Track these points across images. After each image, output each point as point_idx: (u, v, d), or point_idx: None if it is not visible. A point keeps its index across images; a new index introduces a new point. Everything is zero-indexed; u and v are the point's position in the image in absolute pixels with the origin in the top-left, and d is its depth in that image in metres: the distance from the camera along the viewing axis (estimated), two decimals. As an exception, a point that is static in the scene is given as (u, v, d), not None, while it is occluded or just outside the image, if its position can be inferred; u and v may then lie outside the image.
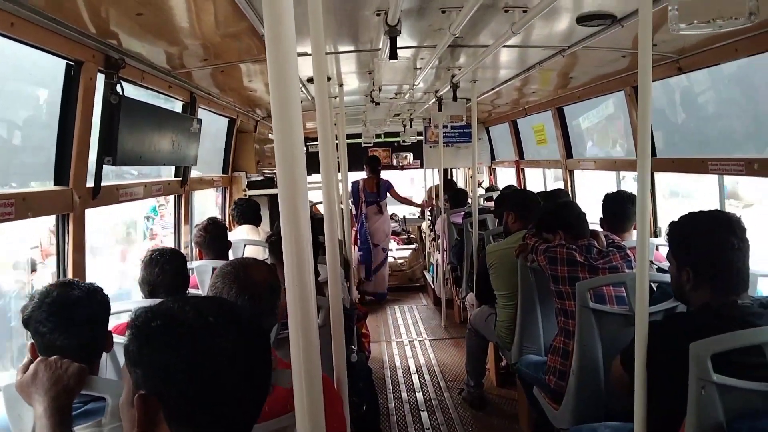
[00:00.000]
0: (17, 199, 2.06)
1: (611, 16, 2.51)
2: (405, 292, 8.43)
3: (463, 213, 6.19)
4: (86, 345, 1.65)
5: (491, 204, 5.92)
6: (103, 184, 2.70)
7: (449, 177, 9.45)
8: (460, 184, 9.50)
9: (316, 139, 2.10)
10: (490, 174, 8.98)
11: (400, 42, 2.60)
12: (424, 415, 4.46)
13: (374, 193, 7.96)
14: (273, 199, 6.26)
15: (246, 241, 4.09)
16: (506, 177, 8.53)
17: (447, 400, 4.69)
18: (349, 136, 7.85)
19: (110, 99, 2.63)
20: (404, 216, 10.34)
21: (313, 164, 2.12)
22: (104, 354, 1.80)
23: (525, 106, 6.32)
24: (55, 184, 2.45)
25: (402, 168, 9.98)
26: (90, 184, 2.62)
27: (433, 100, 5.33)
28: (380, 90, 3.68)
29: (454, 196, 6.91)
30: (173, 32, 2.65)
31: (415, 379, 5.21)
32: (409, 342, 6.26)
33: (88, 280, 1.92)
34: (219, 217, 5.70)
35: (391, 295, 8.24)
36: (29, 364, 1.48)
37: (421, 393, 4.88)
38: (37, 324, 1.60)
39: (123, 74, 2.71)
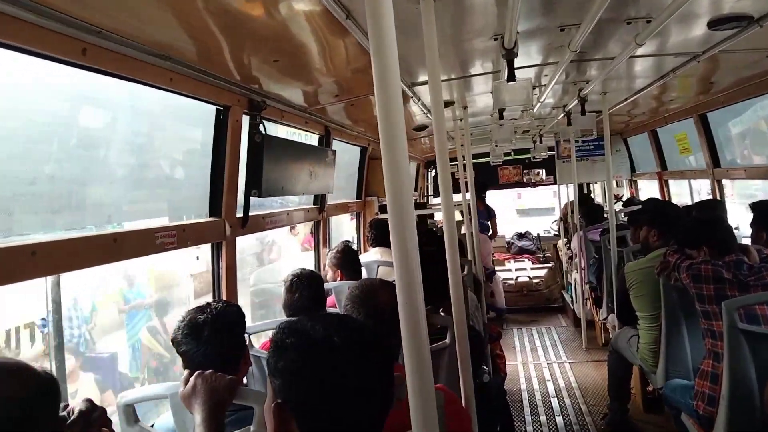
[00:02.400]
0: (179, 230, 2.37)
1: (747, 17, 2.35)
2: (542, 313, 8.19)
3: (600, 230, 5.93)
4: (221, 359, 1.80)
5: None
6: (250, 213, 2.99)
7: (585, 192, 9.08)
8: (598, 200, 9.10)
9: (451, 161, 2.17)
10: (631, 187, 8.50)
11: (520, 62, 2.63)
12: (565, 440, 4.33)
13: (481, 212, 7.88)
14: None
15: (378, 262, 4.26)
16: (649, 190, 8.04)
17: (589, 426, 4.49)
18: (478, 156, 7.88)
19: (254, 138, 2.92)
20: (538, 234, 10.08)
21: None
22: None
23: (664, 115, 5.95)
24: (209, 216, 2.76)
25: (534, 185, 9.77)
26: (239, 214, 2.92)
27: (562, 114, 5.22)
28: (504, 110, 3.71)
29: (590, 211, 6.64)
30: (308, 73, 2.89)
31: (555, 402, 5.05)
32: (548, 364, 6.08)
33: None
34: (355, 239, 6.00)
35: (527, 316, 8.05)
36: (189, 377, 1.68)
37: (561, 417, 4.72)
38: (177, 345, 1.82)
39: (265, 114, 2.99)
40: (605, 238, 5.20)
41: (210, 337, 1.80)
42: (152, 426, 1.84)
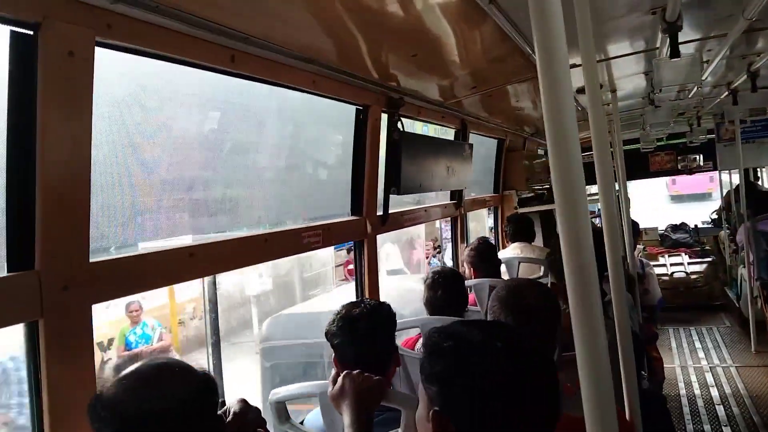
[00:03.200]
0: (323, 230, 2.41)
1: None
2: (702, 312, 7.45)
3: (772, 220, 5.27)
4: (374, 356, 1.80)
5: None
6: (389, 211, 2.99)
7: (751, 178, 8.13)
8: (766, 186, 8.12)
9: (588, 149, 2.00)
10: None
11: (681, 37, 2.35)
12: (734, 453, 3.89)
13: None
14: (546, 215, 6.15)
15: (520, 258, 4.09)
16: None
17: (766, 440, 4.01)
18: (625, 143, 7.32)
19: (393, 135, 2.91)
20: (696, 225, 9.19)
21: (587, 175, 2.01)
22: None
23: None
24: (351, 215, 2.79)
25: (690, 172, 8.92)
26: (379, 212, 2.92)
27: (726, 93, 4.67)
28: (660, 91, 3.37)
29: (758, 200, 5.91)
30: (445, 66, 2.82)
31: (720, 410, 4.56)
32: (710, 368, 5.52)
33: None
34: (492, 235, 5.85)
35: (685, 314, 7.36)
36: (337, 377, 1.68)
37: (729, 427, 4.25)
38: (331, 337, 1.83)
39: (402, 111, 2.96)
40: (780, 229, 4.60)
41: (364, 332, 1.80)
42: (302, 423, 1.87)
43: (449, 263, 5.85)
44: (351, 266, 8.19)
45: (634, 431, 1.84)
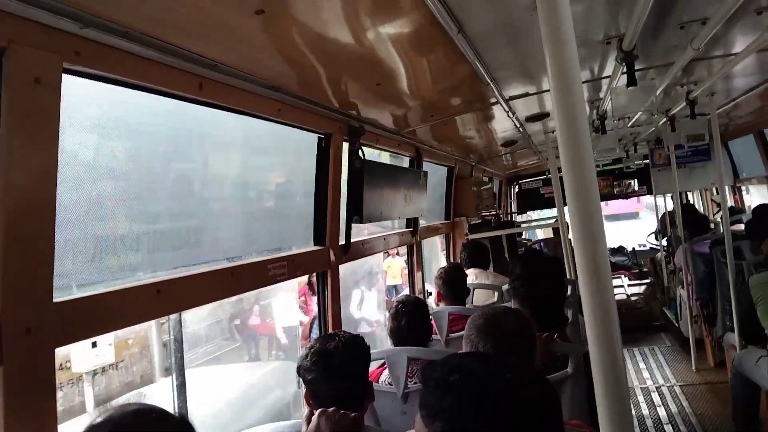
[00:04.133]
0: (288, 261, 2.34)
1: None
2: (643, 333, 7.69)
3: (708, 241, 5.51)
4: (349, 392, 1.76)
5: (738, 228, 5.17)
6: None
7: (684, 201, 8.56)
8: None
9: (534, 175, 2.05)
10: (735, 194, 7.93)
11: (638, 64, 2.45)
12: (685, 471, 3.99)
13: None
14: (495, 241, 6.25)
15: (475, 285, 4.11)
16: (755, 196, 7.45)
17: (713, 458, 4.14)
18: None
19: (355, 163, 2.89)
20: (633, 248, 9.56)
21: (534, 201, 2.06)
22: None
23: (776, 114, 5.51)
24: (314, 245, 2.73)
25: (627, 196, 9.31)
26: (342, 242, 2.88)
27: (664, 120, 4.92)
28: (613, 118, 3.51)
29: (694, 222, 6.19)
30: (404, 95, 2.84)
31: (669, 429, 4.68)
32: (656, 388, 5.67)
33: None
34: (444, 262, 5.88)
35: (627, 335, 7.58)
36: (311, 415, 1.61)
37: (678, 446, 4.37)
38: (304, 372, 1.77)
39: (363, 140, 2.96)
40: (718, 250, 4.82)
41: (340, 367, 1.75)
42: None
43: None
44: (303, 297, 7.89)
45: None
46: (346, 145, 2.87)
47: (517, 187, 9.45)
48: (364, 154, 2.95)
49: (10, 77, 1.16)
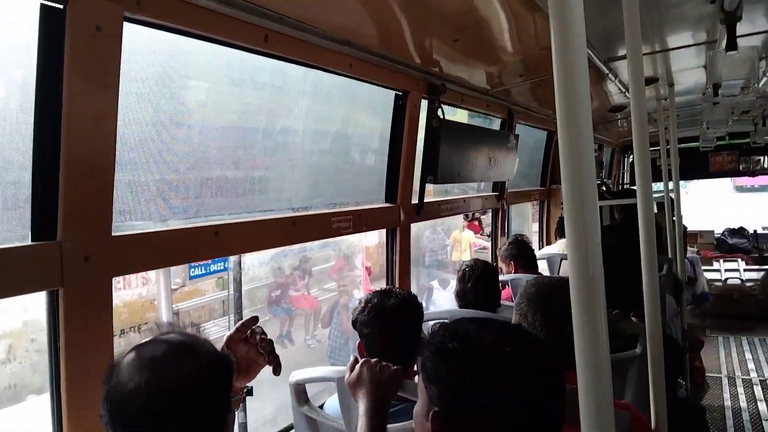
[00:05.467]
0: (354, 215, 2.39)
1: None
2: (756, 321, 7.08)
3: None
4: (401, 348, 1.79)
5: None
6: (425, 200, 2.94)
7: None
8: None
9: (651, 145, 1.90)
10: None
11: (744, 29, 2.20)
12: (780, 473, 3.70)
13: None
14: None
15: (562, 255, 3.98)
16: None
17: (815, 460, 3.80)
18: (685, 140, 6.98)
19: (432, 122, 2.85)
20: (755, 230, 8.74)
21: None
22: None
23: None
24: (385, 202, 2.76)
25: (753, 174, 8.47)
26: (414, 200, 2.88)
27: (798, 90, 4.38)
28: (720, 86, 3.18)
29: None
30: (489, 53, 2.74)
31: (767, 426, 4.35)
32: (760, 381, 5.26)
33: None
34: (537, 230, 5.71)
35: (736, 323, 7.04)
36: (355, 364, 1.66)
37: (775, 445, 4.06)
38: (361, 326, 1.81)
39: (444, 98, 2.90)
40: None
41: (395, 322, 1.79)
42: (321, 407, 1.87)
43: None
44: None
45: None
46: (425, 103, 2.83)
47: (631, 156, 8.88)
48: (443, 113, 2.90)
49: (72, 25, 1.26)
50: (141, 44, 1.48)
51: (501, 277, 3.06)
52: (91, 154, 1.35)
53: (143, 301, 5.66)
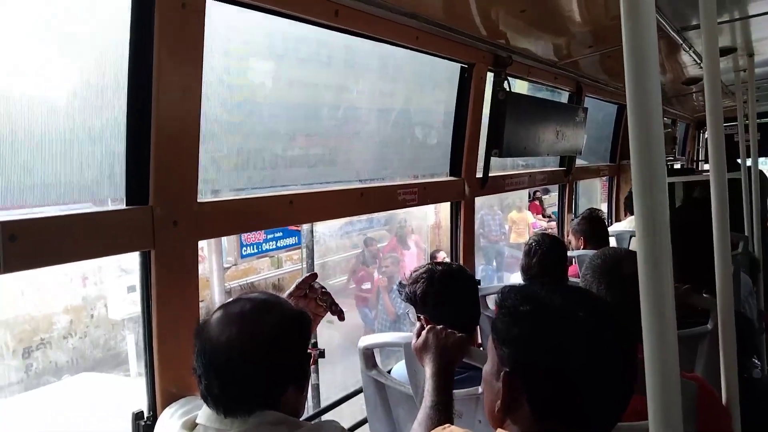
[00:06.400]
0: (420, 188, 2.43)
1: None
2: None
3: None
4: (462, 316, 1.84)
5: None
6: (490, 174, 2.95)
7: None
8: None
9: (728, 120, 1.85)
10: None
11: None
12: None
13: None
14: (669, 188, 5.75)
15: (631, 232, 3.89)
16: None
17: None
18: (766, 115, 6.61)
19: (498, 95, 2.84)
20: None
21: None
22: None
23: None
24: (450, 175, 2.78)
25: None
26: (479, 174, 2.89)
27: None
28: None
29: None
30: (557, 23, 2.69)
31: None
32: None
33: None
34: (606, 207, 5.58)
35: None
36: (421, 330, 1.71)
37: None
38: (421, 297, 1.86)
39: (510, 71, 2.88)
40: None
41: (457, 292, 1.83)
42: (389, 372, 1.94)
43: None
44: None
45: (729, 416, 1.74)
46: (491, 76, 2.82)
47: (707, 132, 8.46)
48: (510, 86, 2.88)
49: (161, 3, 1.34)
50: (218, 20, 1.56)
51: (569, 253, 3.03)
52: (179, 126, 1.44)
53: (199, 278, 5.83)
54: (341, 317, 1.55)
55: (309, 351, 1.31)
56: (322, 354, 1.59)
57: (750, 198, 4.22)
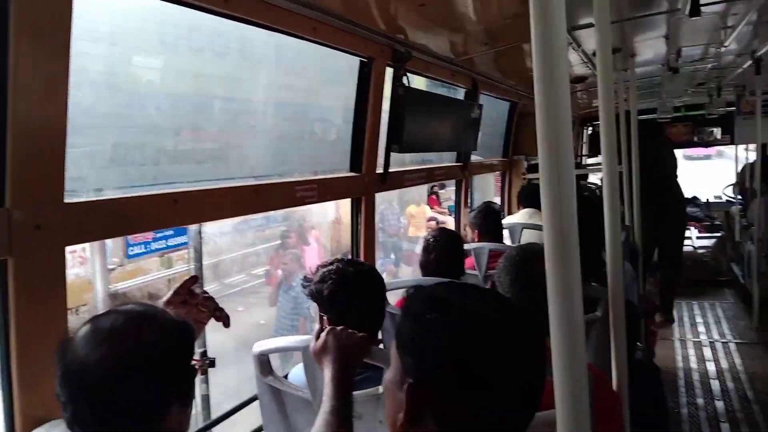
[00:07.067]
0: (319, 184, 2.35)
1: None
2: (707, 287, 7.36)
3: (789, 196, 5.15)
4: (370, 319, 1.78)
5: None
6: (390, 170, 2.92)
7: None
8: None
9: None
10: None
11: (705, -2, 2.22)
12: (725, 426, 3.89)
13: None
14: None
15: (523, 224, 4.02)
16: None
17: (756, 415, 4.00)
18: (643, 112, 7.12)
19: (397, 90, 2.81)
20: (707, 200, 9.03)
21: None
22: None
23: None
24: (350, 171, 2.73)
25: (707, 145, 8.72)
26: (379, 170, 2.85)
27: (749, 62, 4.49)
28: (679, 55, 3.22)
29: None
30: (455, 19, 2.70)
31: (715, 384, 4.55)
32: (709, 343, 5.49)
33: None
34: (498, 201, 5.77)
35: (689, 288, 7.30)
36: (320, 332, 1.64)
37: (722, 401, 4.24)
38: (322, 296, 1.78)
39: (409, 66, 2.86)
40: (795, 205, 4.50)
41: (360, 290, 1.77)
42: (285, 377, 1.85)
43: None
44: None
45: (620, 401, 1.81)
46: (390, 72, 2.79)
47: (590, 128, 9.00)
48: (409, 81, 2.87)
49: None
50: (96, 2, 1.40)
51: (466, 246, 3.07)
52: (41, 118, 1.27)
53: (81, 281, 5.42)
54: (226, 324, 1.42)
55: (193, 364, 1.19)
56: (212, 363, 1.48)
57: (630, 191, 4.52)
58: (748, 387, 4.44)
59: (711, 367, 4.92)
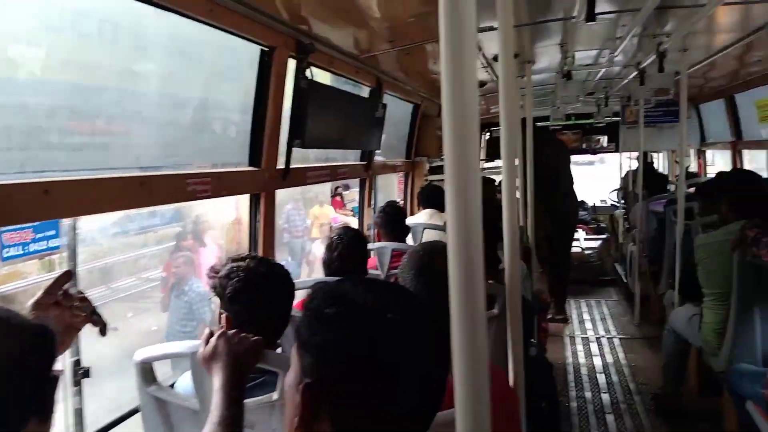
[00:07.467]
0: (214, 177, 2.21)
1: None
2: (592, 286, 7.84)
3: (664, 201, 5.55)
4: (275, 322, 1.71)
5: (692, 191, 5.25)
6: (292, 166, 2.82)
7: (649, 161, 8.60)
8: (660, 170, 8.62)
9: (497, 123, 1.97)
10: (699, 157, 7.97)
11: (598, 7, 2.32)
12: (609, 418, 4.10)
13: None
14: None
15: (425, 225, 4.06)
16: (717, 161, 7.52)
17: (637, 405, 4.26)
18: (537, 119, 7.47)
19: (300, 83, 2.72)
20: (594, 204, 9.65)
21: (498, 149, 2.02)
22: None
23: (746, 78, 5.42)
24: (249, 166, 2.59)
25: (594, 152, 9.30)
26: (280, 165, 2.74)
27: (634, 73, 4.81)
28: (573, 60, 3.38)
29: (653, 181, 6.25)
30: (359, 14, 2.65)
31: (601, 378, 4.82)
32: (596, 339, 5.82)
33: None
34: (401, 201, 5.81)
35: (577, 287, 7.74)
36: (210, 336, 1.52)
37: (607, 394, 4.50)
38: (226, 292, 1.68)
39: (313, 59, 2.77)
40: (670, 209, 4.85)
41: (268, 288, 1.70)
42: (172, 386, 1.71)
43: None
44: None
45: (516, 396, 1.84)
46: (293, 64, 2.69)
47: (488, 134, 9.33)
48: (312, 74, 2.78)
49: None
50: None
51: (369, 245, 3.04)
52: None
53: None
54: (103, 330, 1.27)
55: (54, 373, 1.04)
56: (86, 373, 1.32)
57: (525, 192, 4.69)
58: (631, 379, 4.74)
59: (597, 361, 5.21)
